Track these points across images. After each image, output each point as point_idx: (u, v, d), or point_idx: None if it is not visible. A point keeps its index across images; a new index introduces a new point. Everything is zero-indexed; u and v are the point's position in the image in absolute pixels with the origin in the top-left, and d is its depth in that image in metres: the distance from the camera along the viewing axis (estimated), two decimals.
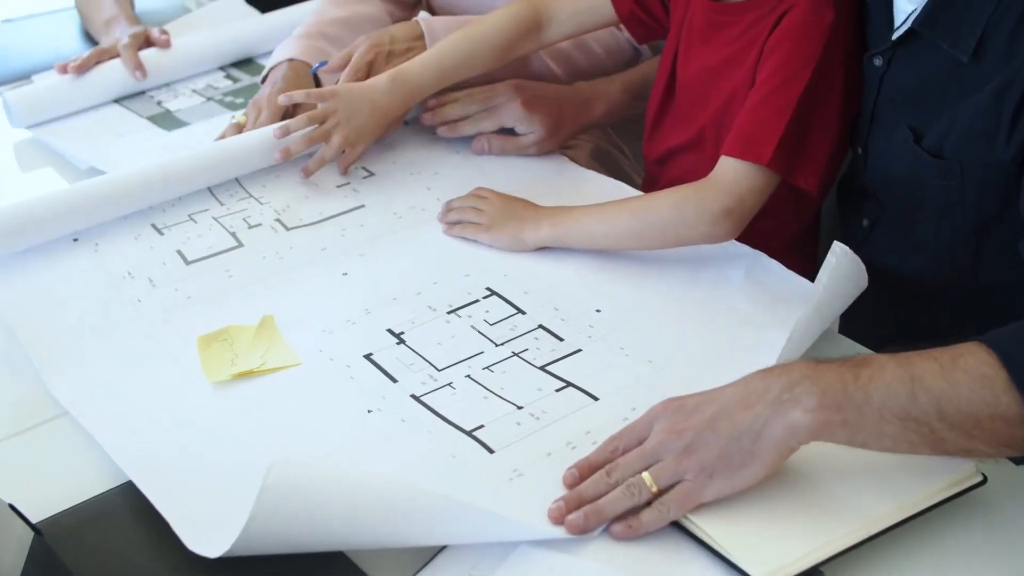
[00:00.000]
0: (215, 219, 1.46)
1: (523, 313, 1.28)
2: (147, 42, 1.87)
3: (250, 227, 1.44)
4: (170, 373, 1.20)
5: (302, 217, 1.46)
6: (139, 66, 1.82)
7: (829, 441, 0.96)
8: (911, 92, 1.27)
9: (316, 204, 1.49)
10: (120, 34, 1.88)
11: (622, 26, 1.65)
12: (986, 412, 0.93)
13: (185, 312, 1.30)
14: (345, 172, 1.55)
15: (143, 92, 1.85)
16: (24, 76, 1.89)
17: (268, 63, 1.74)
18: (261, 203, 1.49)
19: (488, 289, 1.32)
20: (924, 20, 1.21)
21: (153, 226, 1.45)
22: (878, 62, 1.29)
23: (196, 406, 1.15)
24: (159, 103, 1.82)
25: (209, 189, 1.51)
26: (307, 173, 1.52)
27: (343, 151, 1.52)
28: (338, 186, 1.54)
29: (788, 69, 1.29)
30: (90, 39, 2.05)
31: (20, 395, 1.19)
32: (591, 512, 0.98)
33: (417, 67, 1.51)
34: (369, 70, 1.59)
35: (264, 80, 1.71)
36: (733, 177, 1.30)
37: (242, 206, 1.49)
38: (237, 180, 1.53)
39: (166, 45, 1.88)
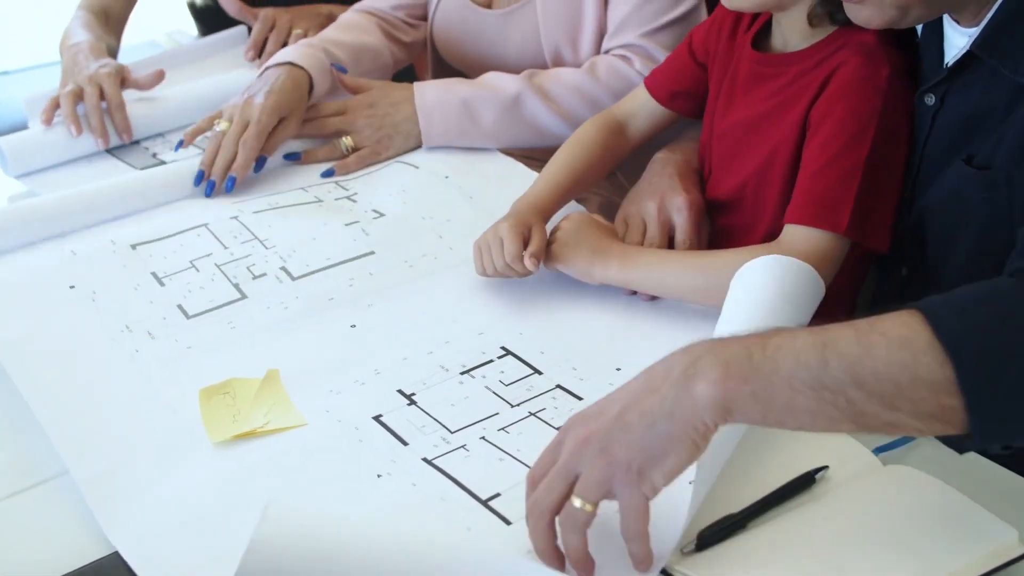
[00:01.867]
0: (218, 266, 1.41)
1: (540, 373, 1.23)
2: (123, 82, 1.77)
3: (254, 277, 1.39)
4: (168, 428, 1.16)
5: (309, 263, 1.42)
6: (126, 129, 1.74)
7: (744, 420, 0.89)
8: (965, 125, 1.20)
9: (324, 247, 1.45)
10: (87, 71, 1.76)
11: (631, 62, 1.62)
12: (906, 377, 0.85)
13: (185, 362, 1.26)
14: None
15: (137, 142, 1.78)
16: (22, 129, 1.81)
17: (268, 62, 1.70)
18: (266, 247, 1.45)
19: (503, 348, 1.27)
20: (983, 43, 1.15)
21: (153, 275, 1.40)
22: (930, 100, 1.24)
23: (195, 467, 1.10)
24: (154, 155, 1.74)
25: (210, 230, 1.47)
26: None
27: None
28: (346, 225, 1.50)
29: (851, 129, 1.25)
30: None
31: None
32: (573, 564, 0.92)
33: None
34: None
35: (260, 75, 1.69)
36: (806, 246, 1.25)
37: (246, 250, 1.45)
38: (240, 221, 1.49)
39: (148, 86, 1.80)
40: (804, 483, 1.03)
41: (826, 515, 0.99)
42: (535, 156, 1.71)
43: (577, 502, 0.90)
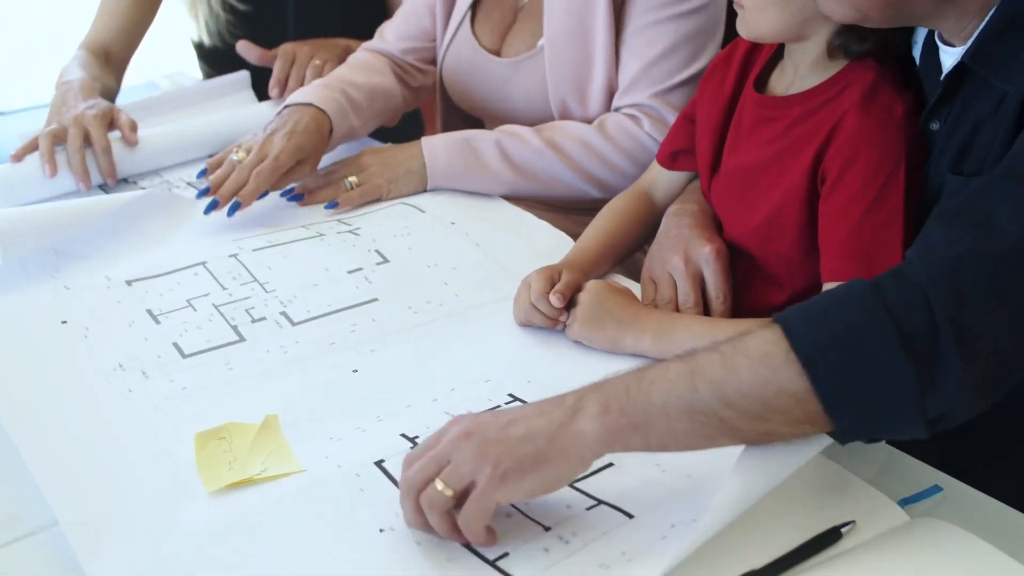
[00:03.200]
0: (216, 307, 1.37)
1: None
2: (111, 124, 1.75)
3: (253, 320, 1.35)
4: (161, 473, 1.10)
5: (310, 309, 1.38)
6: (111, 173, 1.71)
7: (627, 449, 0.97)
8: (963, 142, 1.16)
9: (325, 294, 1.41)
10: (74, 111, 1.73)
11: (640, 123, 1.61)
12: (771, 390, 0.93)
13: (181, 404, 1.21)
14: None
15: (126, 179, 1.74)
16: None
17: (289, 99, 1.69)
18: (266, 290, 1.41)
19: (511, 396, 1.23)
20: (975, 54, 1.11)
21: (149, 312, 1.36)
22: (935, 126, 1.20)
23: (188, 516, 1.05)
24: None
25: (208, 270, 1.43)
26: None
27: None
28: (349, 272, 1.46)
29: (882, 174, 1.21)
30: None
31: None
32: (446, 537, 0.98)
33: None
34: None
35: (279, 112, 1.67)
36: None
37: (245, 292, 1.41)
38: (240, 261, 1.46)
39: (132, 142, 1.76)
40: (830, 538, 0.98)
41: (854, 571, 0.95)
42: (542, 205, 1.68)
43: (439, 485, 0.96)
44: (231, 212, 1.55)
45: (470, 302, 1.38)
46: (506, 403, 1.21)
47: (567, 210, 1.72)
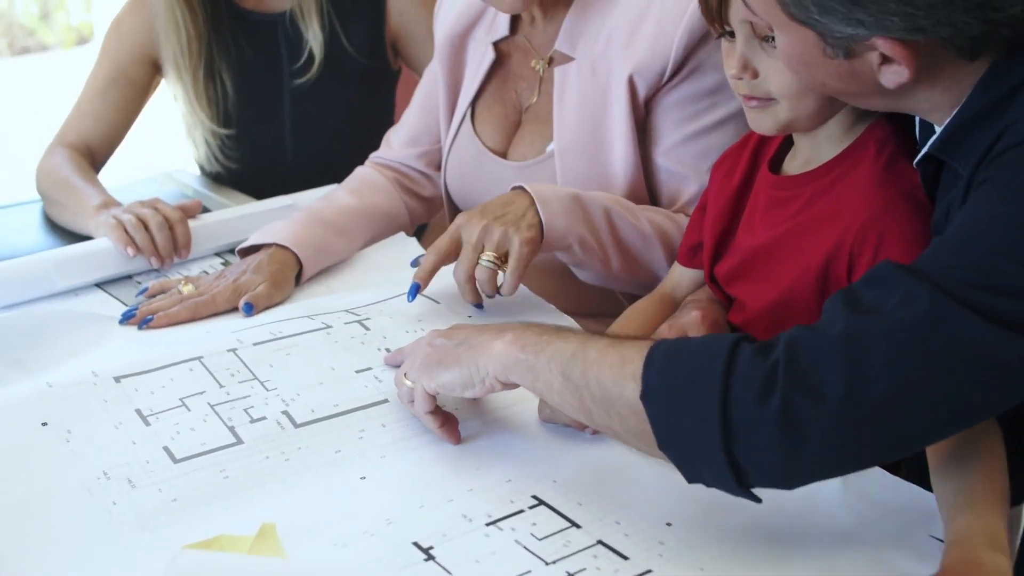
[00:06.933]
0: (211, 406, 1.27)
1: (578, 527, 1.08)
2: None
3: (252, 420, 1.25)
4: None
5: (314, 410, 1.27)
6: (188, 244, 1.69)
7: (521, 383, 1.11)
8: (937, 227, 1.13)
9: (331, 393, 1.31)
10: (120, 213, 1.70)
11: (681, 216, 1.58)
12: (616, 391, 1.01)
13: (169, 517, 1.10)
14: None
15: (129, 276, 1.67)
16: None
17: (252, 238, 1.62)
18: (267, 388, 1.31)
19: (535, 498, 1.13)
20: (941, 145, 1.09)
21: (138, 412, 1.25)
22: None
23: None
24: (145, 290, 1.61)
25: (204, 365, 1.34)
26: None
27: None
28: (357, 371, 1.36)
29: (920, 245, 1.14)
30: (57, 230, 1.90)
31: None
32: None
33: None
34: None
35: (243, 253, 1.62)
36: None
37: (244, 391, 1.30)
38: (238, 356, 1.36)
39: (197, 209, 1.79)
40: None
41: None
42: (582, 312, 1.58)
43: (402, 376, 1.22)
44: (142, 325, 1.47)
45: (490, 402, 1.28)
46: (530, 506, 1.10)
47: (594, 315, 1.62)
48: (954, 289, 0.93)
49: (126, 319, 1.48)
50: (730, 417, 0.95)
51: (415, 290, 1.46)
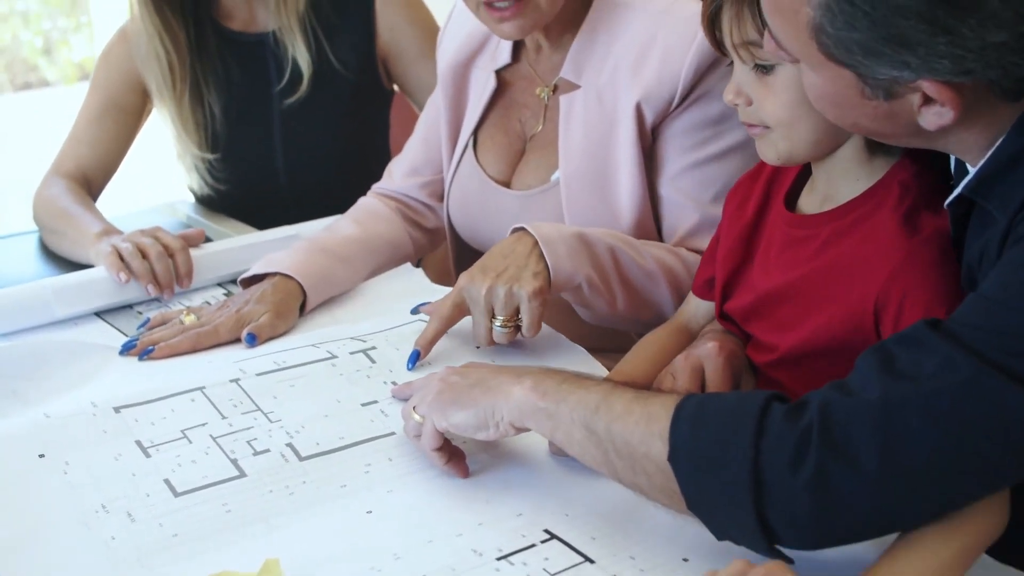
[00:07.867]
0: (214, 438, 1.24)
1: (592, 562, 1.06)
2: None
3: (256, 453, 1.22)
4: None
5: (319, 442, 1.25)
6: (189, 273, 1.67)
7: (538, 430, 1.10)
8: (970, 268, 1.09)
9: (336, 426, 1.28)
10: (119, 241, 1.68)
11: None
12: (641, 449, 1.00)
13: (170, 553, 1.07)
14: None
15: (130, 306, 1.65)
16: None
17: (255, 267, 1.60)
18: (271, 420, 1.29)
19: (547, 532, 1.10)
20: (976, 187, 1.05)
21: (138, 444, 1.23)
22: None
23: None
24: (147, 321, 1.58)
25: (207, 396, 1.32)
26: None
27: None
28: (363, 404, 1.33)
29: (951, 298, 1.12)
30: (55, 259, 1.89)
31: None
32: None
33: None
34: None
35: (245, 283, 1.59)
36: None
37: (247, 422, 1.28)
38: (241, 387, 1.34)
39: (199, 238, 1.77)
40: None
41: None
42: (590, 348, 1.54)
43: (410, 410, 1.20)
44: (142, 356, 1.45)
45: None
46: (542, 541, 1.08)
47: (604, 351, 1.57)
48: (992, 355, 0.91)
49: (126, 350, 1.46)
50: (762, 481, 0.94)
51: (415, 358, 1.42)
